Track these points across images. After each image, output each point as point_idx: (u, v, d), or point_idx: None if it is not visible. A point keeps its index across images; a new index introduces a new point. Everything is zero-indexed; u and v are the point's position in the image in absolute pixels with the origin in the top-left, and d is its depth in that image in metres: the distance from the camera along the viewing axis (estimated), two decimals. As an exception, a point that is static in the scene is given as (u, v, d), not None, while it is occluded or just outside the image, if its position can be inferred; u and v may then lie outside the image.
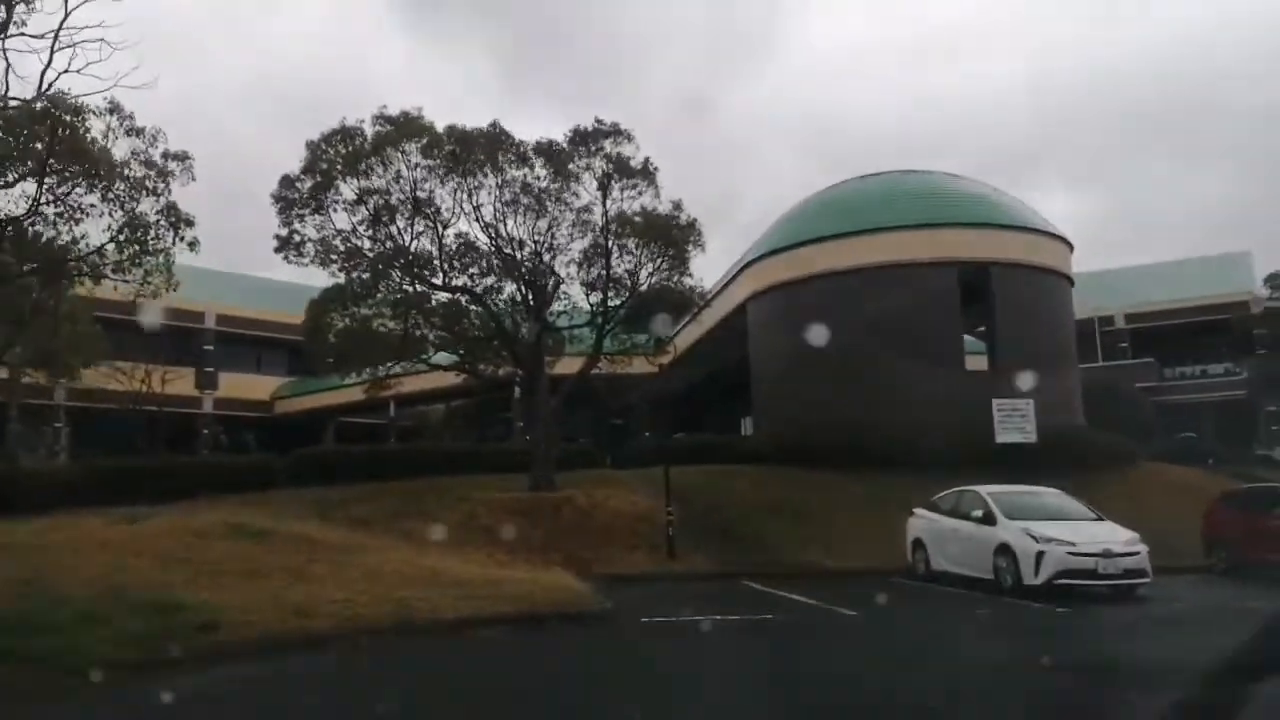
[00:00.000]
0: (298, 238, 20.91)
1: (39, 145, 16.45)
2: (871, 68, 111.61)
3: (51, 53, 15.91)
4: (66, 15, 15.72)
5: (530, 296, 21.28)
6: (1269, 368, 32.28)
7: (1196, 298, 45.77)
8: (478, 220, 20.92)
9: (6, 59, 15.95)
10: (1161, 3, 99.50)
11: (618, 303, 21.38)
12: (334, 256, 20.49)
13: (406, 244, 20.63)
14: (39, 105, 16.30)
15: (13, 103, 16.37)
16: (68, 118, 16.33)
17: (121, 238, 17.79)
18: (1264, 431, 42.38)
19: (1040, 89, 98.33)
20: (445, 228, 20.97)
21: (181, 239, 18.06)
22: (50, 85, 16.15)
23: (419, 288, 20.72)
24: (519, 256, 21.01)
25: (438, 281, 21.03)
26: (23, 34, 15.81)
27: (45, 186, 17.00)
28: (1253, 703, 2.28)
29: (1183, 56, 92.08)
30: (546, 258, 21.27)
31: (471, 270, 21.24)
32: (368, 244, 20.68)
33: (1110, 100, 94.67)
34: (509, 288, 21.74)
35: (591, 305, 21.53)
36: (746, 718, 6.98)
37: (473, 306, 21.66)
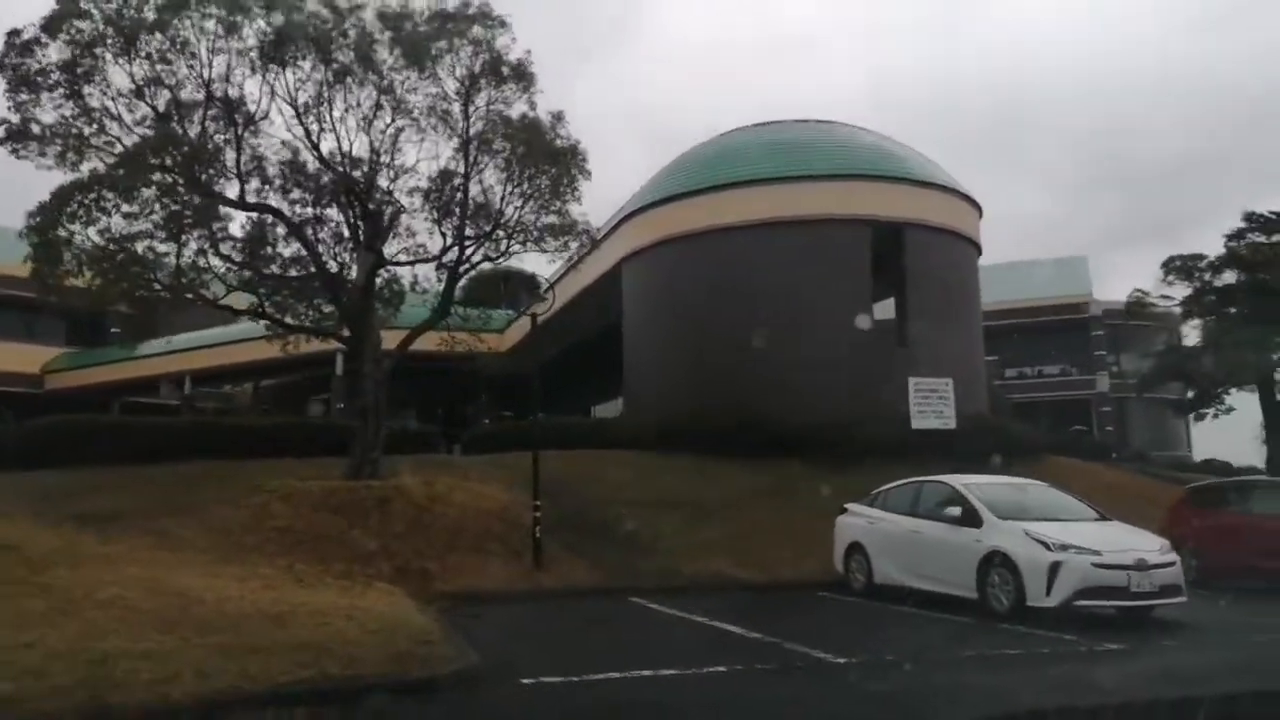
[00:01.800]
0: (37, 127, 15.19)
1: None
2: (714, 65, 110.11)
3: None
4: None
5: (360, 224, 16.31)
6: (1151, 363, 30.98)
7: (1036, 299, 45.35)
8: (298, 118, 15.82)
9: None
10: (1000, 14, 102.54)
11: (474, 235, 16.70)
12: (88, 148, 14.89)
13: (194, 136, 15.24)
14: None
15: None
16: None
17: None
18: (1099, 432, 42.07)
19: (881, 102, 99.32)
20: (251, 124, 15.75)
21: None
22: None
23: (205, 199, 15.32)
24: (348, 171, 16.04)
25: (234, 195, 15.72)
26: None
27: None
28: None
29: (1018, 69, 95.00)
30: (387, 180, 16.40)
31: (282, 183, 16.11)
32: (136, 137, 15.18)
33: (948, 109, 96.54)
34: (335, 216, 16.72)
35: (443, 233, 16.74)
36: None
37: (283, 234, 16.49)
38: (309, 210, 16.58)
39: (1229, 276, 26.09)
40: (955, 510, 11.52)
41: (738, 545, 15.47)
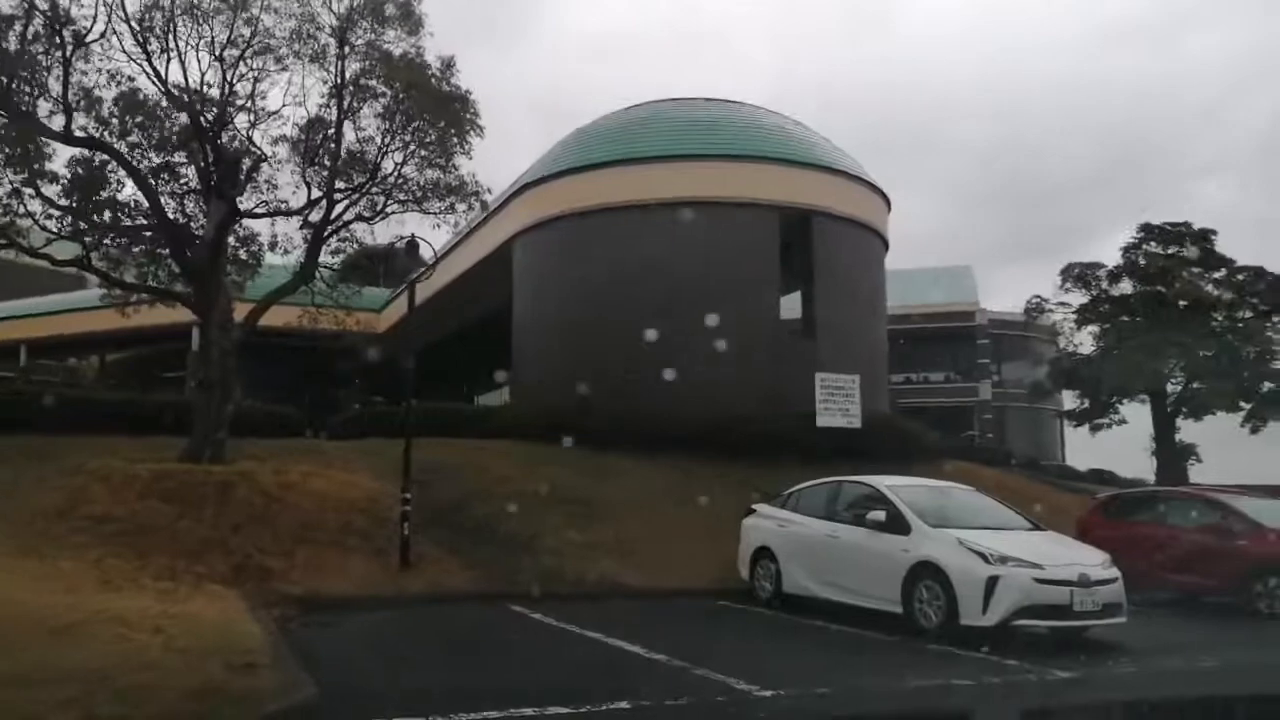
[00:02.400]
0: None
1: None
2: (617, 58, 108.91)
3: None
4: None
5: (212, 170, 14.13)
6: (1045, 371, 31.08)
7: (925, 305, 45.68)
8: (139, 44, 13.55)
9: None
10: (902, 26, 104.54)
11: (345, 189, 14.75)
12: None
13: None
14: None
15: None
16: None
17: None
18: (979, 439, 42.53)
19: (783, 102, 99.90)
20: (81, 45, 13.40)
21: None
22: None
23: (19, 124, 12.88)
24: (200, 109, 13.86)
25: (57, 126, 13.32)
26: None
27: None
28: None
29: (911, 85, 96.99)
30: (244, 122, 14.29)
31: (120, 123, 13.82)
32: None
33: (840, 115, 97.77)
34: (182, 160, 14.50)
35: (308, 183, 14.71)
36: None
37: (119, 177, 14.18)
38: (151, 155, 14.33)
39: (1126, 286, 26.15)
40: (879, 515, 10.33)
41: (630, 547, 14.02)
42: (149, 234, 14.61)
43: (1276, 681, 7.64)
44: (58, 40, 13.24)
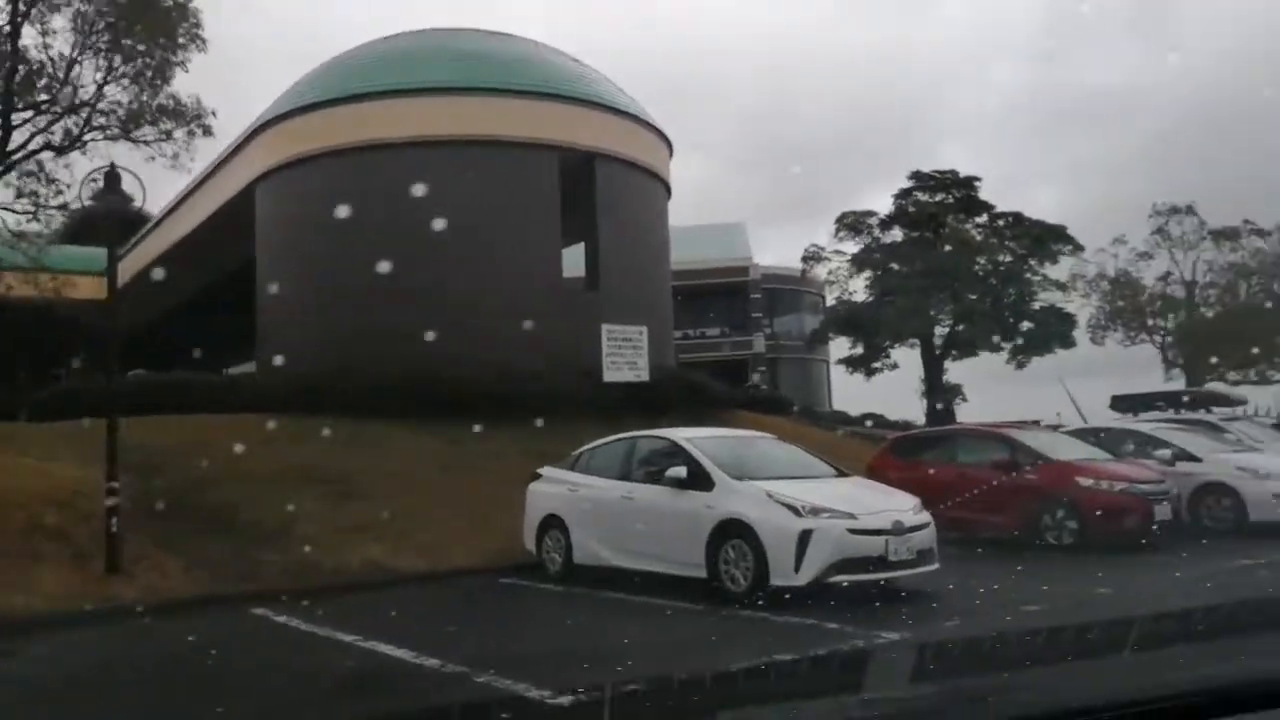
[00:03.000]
0: None
1: None
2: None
3: None
4: None
5: None
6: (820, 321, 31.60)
7: (700, 261, 46.04)
8: None
9: None
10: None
11: (27, 107, 11.91)
12: None
13: None
14: None
15: None
16: None
17: None
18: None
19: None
20: None
21: None
22: None
23: None
24: None
25: None
26: None
27: None
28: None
29: (675, 52, 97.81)
30: None
31: None
32: None
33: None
34: None
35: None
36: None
37: None
38: None
39: (897, 234, 26.73)
40: (679, 471, 9.20)
41: (399, 526, 12.24)
42: None
43: (1108, 611, 7.12)
44: None
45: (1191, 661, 1.97)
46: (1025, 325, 25.82)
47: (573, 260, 20.75)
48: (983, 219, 26.28)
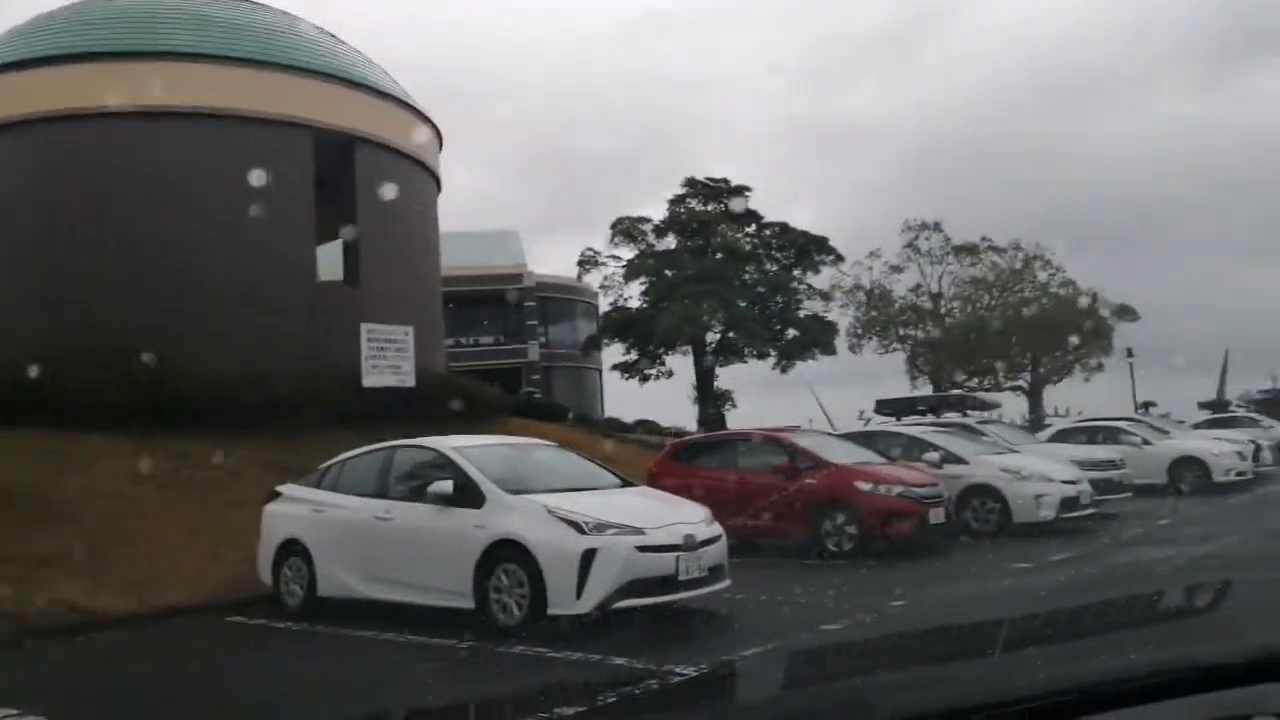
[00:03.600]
0: None
1: None
2: None
3: None
4: None
5: None
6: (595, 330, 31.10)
7: (471, 267, 44.94)
8: None
9: None
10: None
11: None
12: None
13: None
14: None
15: None
16: None
17: None
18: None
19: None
20: None
21: None
22: None
23: None
24: None
25: None
26: None
27: None
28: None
29: (454, 59, 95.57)
30: None
31: None
32: None
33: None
34: None
35: None
36: None
37: None
38: None
39: (670, 241, 26.62)
40: (444, 485, 7.99)
41: (105, 558, 10.21)
42: None
43: (913, 623, 6.64)
44: None
45: (1056, 661, 2.03)
46: (791, 332, 26.43)
47: (334, 260, 18.95)
48: (752, 228, 26.71)
